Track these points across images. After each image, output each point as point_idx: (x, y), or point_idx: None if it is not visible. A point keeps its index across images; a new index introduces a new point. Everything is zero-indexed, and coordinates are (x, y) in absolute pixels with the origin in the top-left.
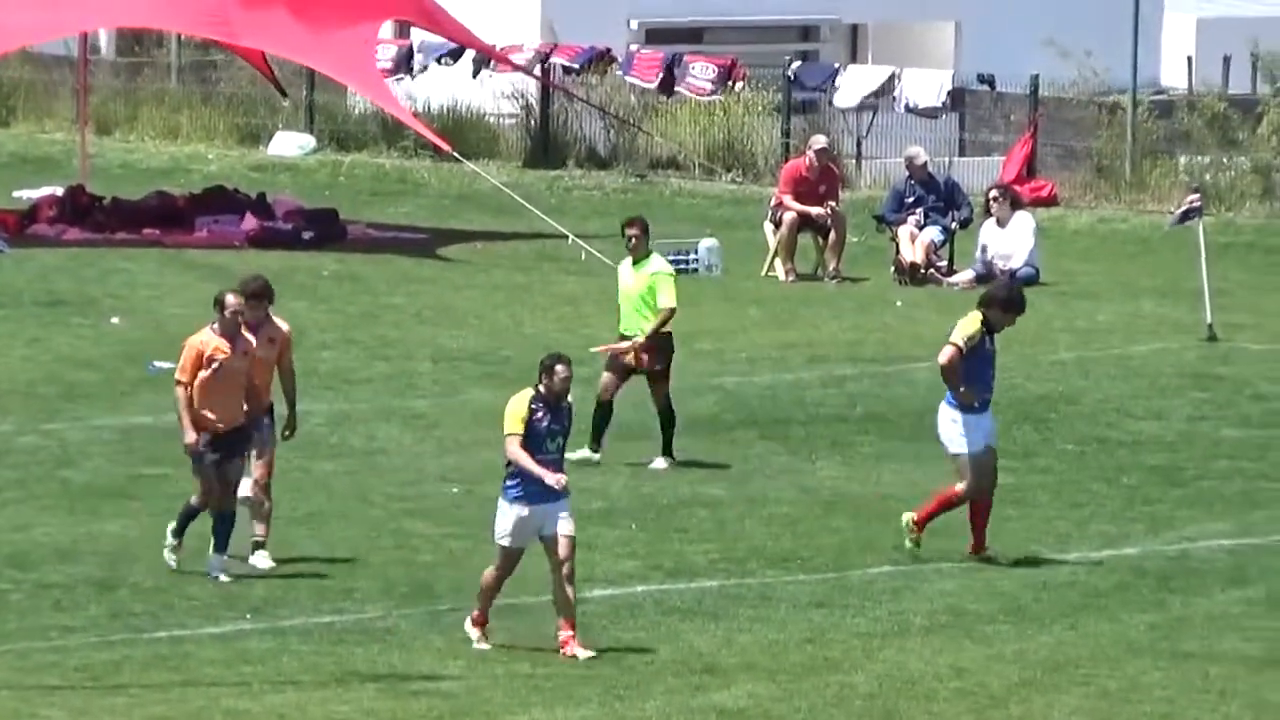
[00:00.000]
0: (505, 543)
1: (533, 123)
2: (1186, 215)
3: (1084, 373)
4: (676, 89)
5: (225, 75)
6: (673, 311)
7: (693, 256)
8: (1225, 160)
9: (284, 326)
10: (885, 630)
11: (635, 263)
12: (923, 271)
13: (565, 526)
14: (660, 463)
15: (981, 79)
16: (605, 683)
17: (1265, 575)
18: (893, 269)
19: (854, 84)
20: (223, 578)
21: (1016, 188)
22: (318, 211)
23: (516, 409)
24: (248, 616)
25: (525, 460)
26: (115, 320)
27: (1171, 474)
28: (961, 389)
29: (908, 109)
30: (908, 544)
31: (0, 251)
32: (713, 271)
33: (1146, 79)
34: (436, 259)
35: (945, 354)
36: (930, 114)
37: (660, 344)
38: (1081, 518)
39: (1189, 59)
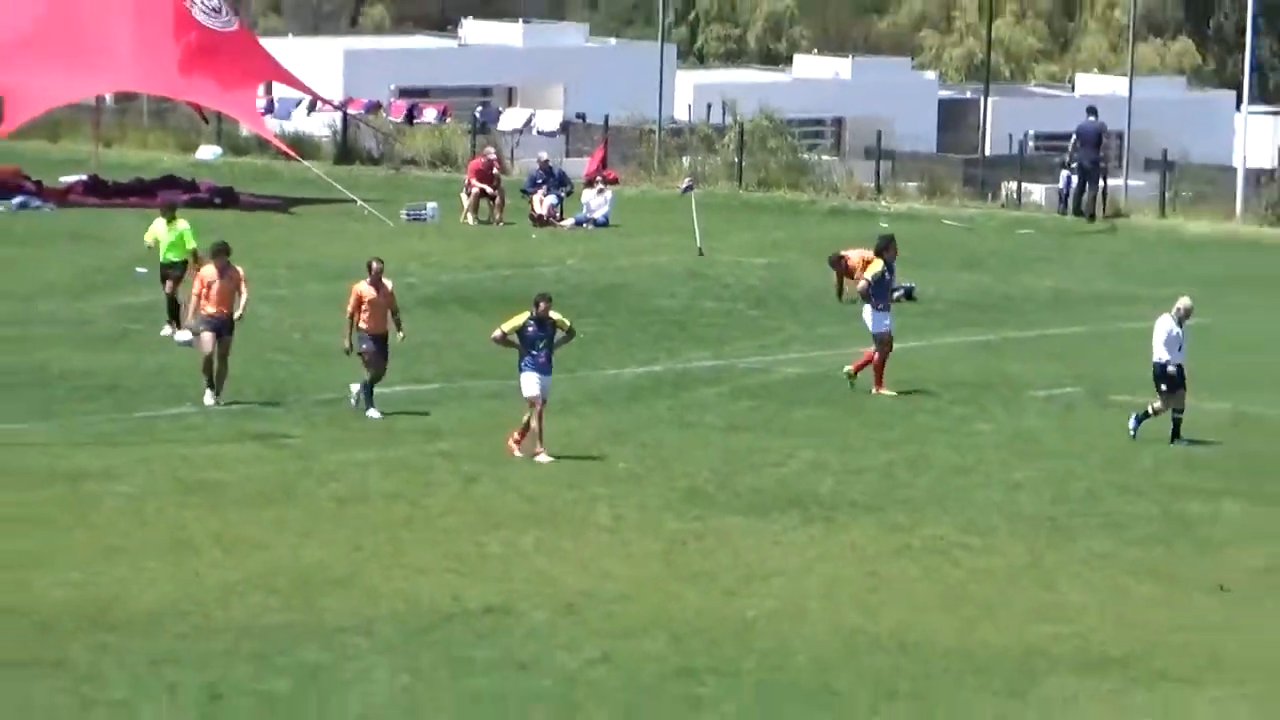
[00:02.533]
0: (527, 395)
1: (338, 139)
2: (688, 188)
3: (633, 271)
4: (415, 121)
5: (174, 112)
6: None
7: (425, 212)
8: (707, 159)
9: (240, 270)
10: None
11: (169, 222)
12: (546, 220)
13: (545, 387)
14: None
15: (579, 116)
16: None
17: (733, 378)
18: (530, 219)
19: (509, 119)
20: (376, 415)
21: (605, 173)
22: (224, 188)
23: (514, 320)
24: None
25: (495, 334)
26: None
27: (679, 326)
28: (872, 300)
29: (539, 133)
30: (888, 394)
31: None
32: (435, 220)
33: (666, 116)
34: (288, 214)
35: (860, 286)
36: (550, 135)
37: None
38: (630, 352)
39: (689, 106)
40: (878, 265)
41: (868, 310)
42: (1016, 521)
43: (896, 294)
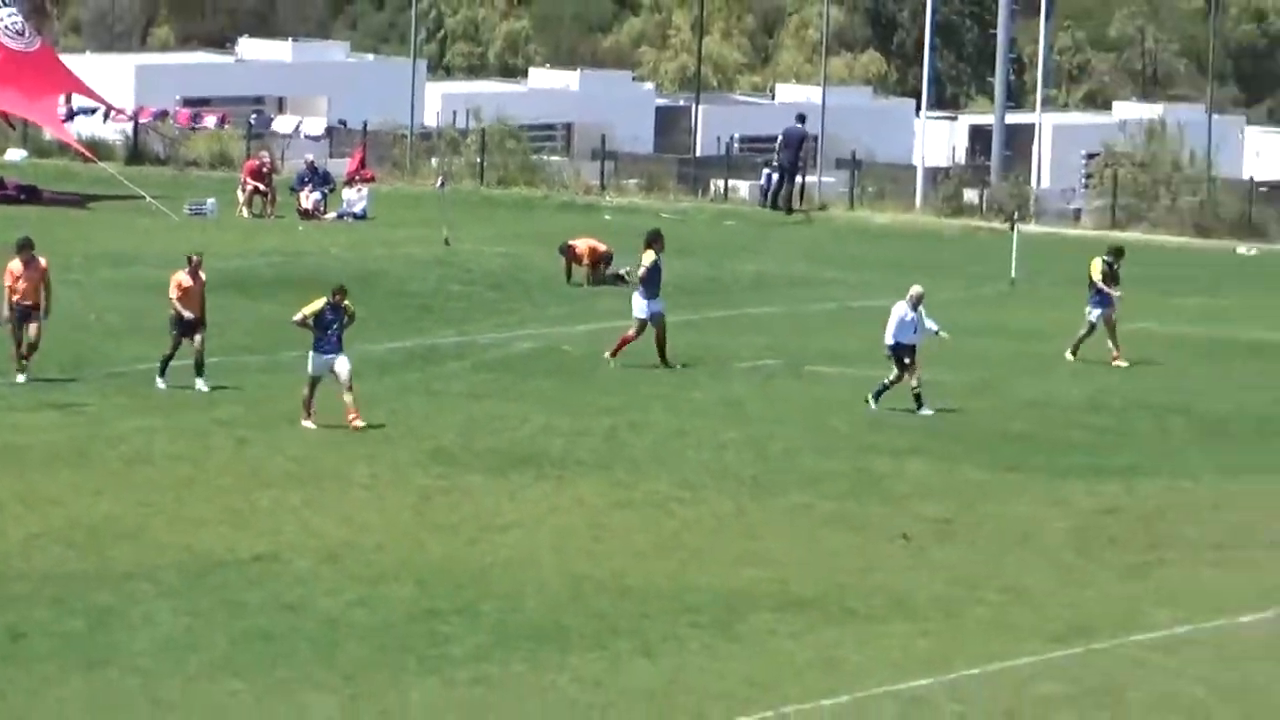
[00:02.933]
0: (313, 373)
1: (129, 143)
2: (441, 185)
3: (388, 260)
4: (197, 127)
5: None
6: None
7: (205, 207)
8: (453, 160)
9: (43, 261)
10: None
11: None
12: (312, 214)
13: (343, 367)
14: None
15: (341, 122)
16: None
17: (474, 352)
18: (297, 213)
19: (280, 125)
20: (163, 386)
21: (364, 172)
22: (28, 186)
23: (313, 305)
24: None
25: (296, 317)
26: None
27: (428, 308)
28: (646, 287)
29: (306, 137)
30: (614, 365)
31: None
32: (214, 214)
33: (417, 122)
34: (85, 209)
35: (641, 272)
36: (316, 139)
37: None
38: (385, 330)
39: (438, 113)
40: (651, 256)
41: (637, 295)
42: (724, 478)
43: (623, 275)
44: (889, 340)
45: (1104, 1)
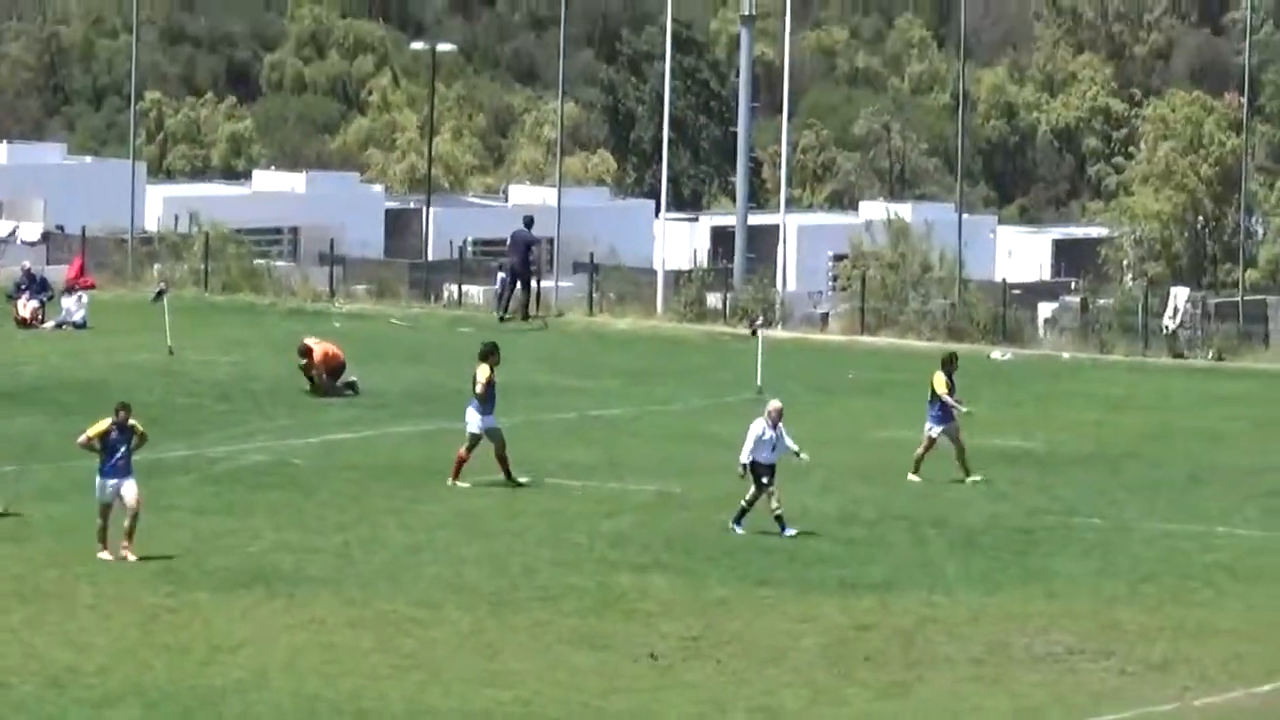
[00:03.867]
0: (101, 499)
1: None
2: (160, 294)
3: (110, 369)
4: None
5: None
6: None
7: None
8: (176, 266)
9: None
10: None
11: None
12: (30, 323)
13: (129, 491)
14: None
15: (59, 227)
16: None
17: (202, 466)
18: (15, 322)
19: None
20: None
21: (83, 280)
22: None
23: (98, 426)
24: None
25: (80, 440)
26: None
27: (153, 420)
28: (482, 402)
29: (22, 242)
30: (461, 485)
31: None
32: None
33: (138, 226)
34: None
35: (479, 386)
36: (33, 244)
37: None
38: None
39: (159, 217)
40: (485, 370)
41: (471, 409)
42: (462, 595)
43: (353, 383)
44: (744, 459)
45: (848, 99)
